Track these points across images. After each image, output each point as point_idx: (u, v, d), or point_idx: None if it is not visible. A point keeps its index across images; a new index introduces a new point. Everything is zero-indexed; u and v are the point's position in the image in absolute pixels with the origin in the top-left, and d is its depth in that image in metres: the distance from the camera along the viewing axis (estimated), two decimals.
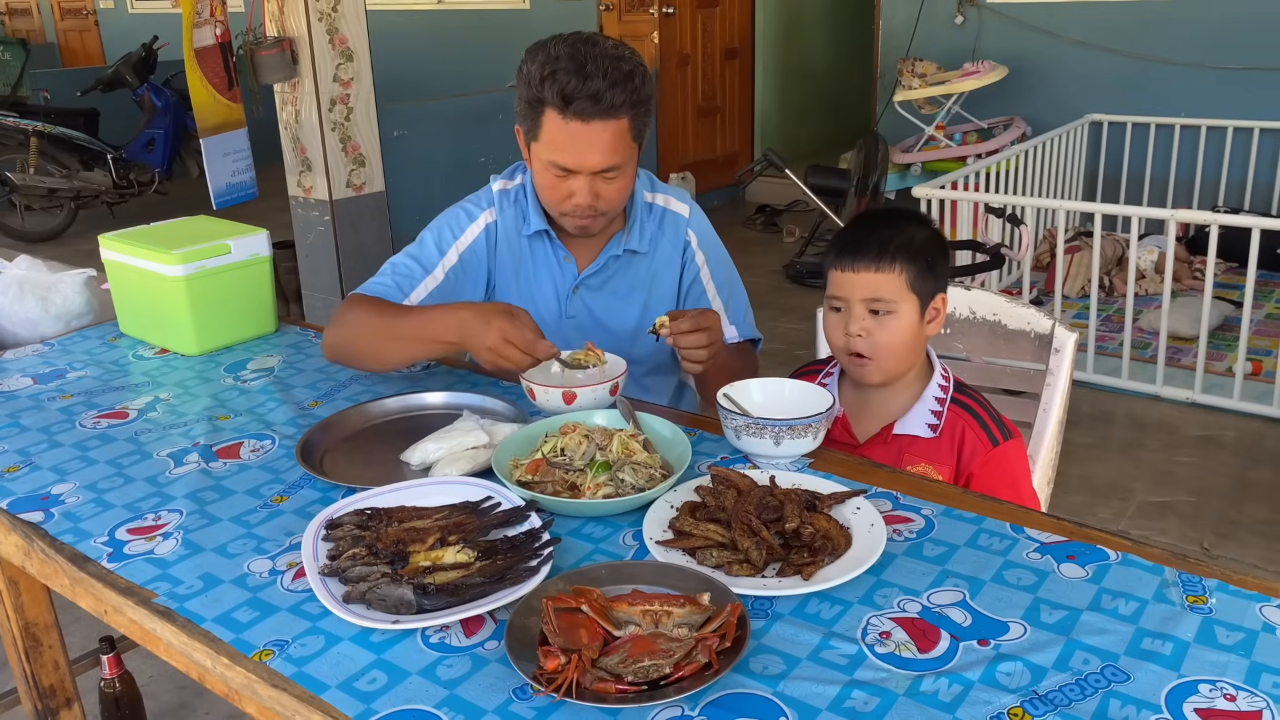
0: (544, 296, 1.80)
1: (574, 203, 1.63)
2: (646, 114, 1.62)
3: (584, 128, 1.55)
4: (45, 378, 1.80)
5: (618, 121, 1.57)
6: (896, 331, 1.47)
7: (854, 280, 1.48)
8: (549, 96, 1.55)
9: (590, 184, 1.61)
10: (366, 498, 1.28)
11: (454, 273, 1.76)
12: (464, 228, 1.78)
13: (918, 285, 1.47)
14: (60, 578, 1.27)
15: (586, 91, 1.52)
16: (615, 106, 1.55)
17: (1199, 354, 3.62)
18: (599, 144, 1.57)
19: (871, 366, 1.49)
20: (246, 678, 1.02)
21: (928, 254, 1.48)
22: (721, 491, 1.24)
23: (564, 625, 0.99)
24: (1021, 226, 3.96)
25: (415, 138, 4.99)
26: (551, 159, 1.60)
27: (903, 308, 1.47)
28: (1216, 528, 2.88)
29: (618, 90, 1.54)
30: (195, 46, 4.08)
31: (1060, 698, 0.93)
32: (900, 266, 1.46)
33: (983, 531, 1.20)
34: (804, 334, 4.30)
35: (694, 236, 1.83)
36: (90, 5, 10.91)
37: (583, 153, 1.57)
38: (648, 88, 1.60)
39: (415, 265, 1.75)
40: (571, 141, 1.56)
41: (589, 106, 1.53)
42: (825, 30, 8.06)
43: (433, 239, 1.78)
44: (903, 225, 1.49)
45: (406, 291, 1.72)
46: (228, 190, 4.30)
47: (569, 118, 1.55)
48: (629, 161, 1.63)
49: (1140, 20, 5.17)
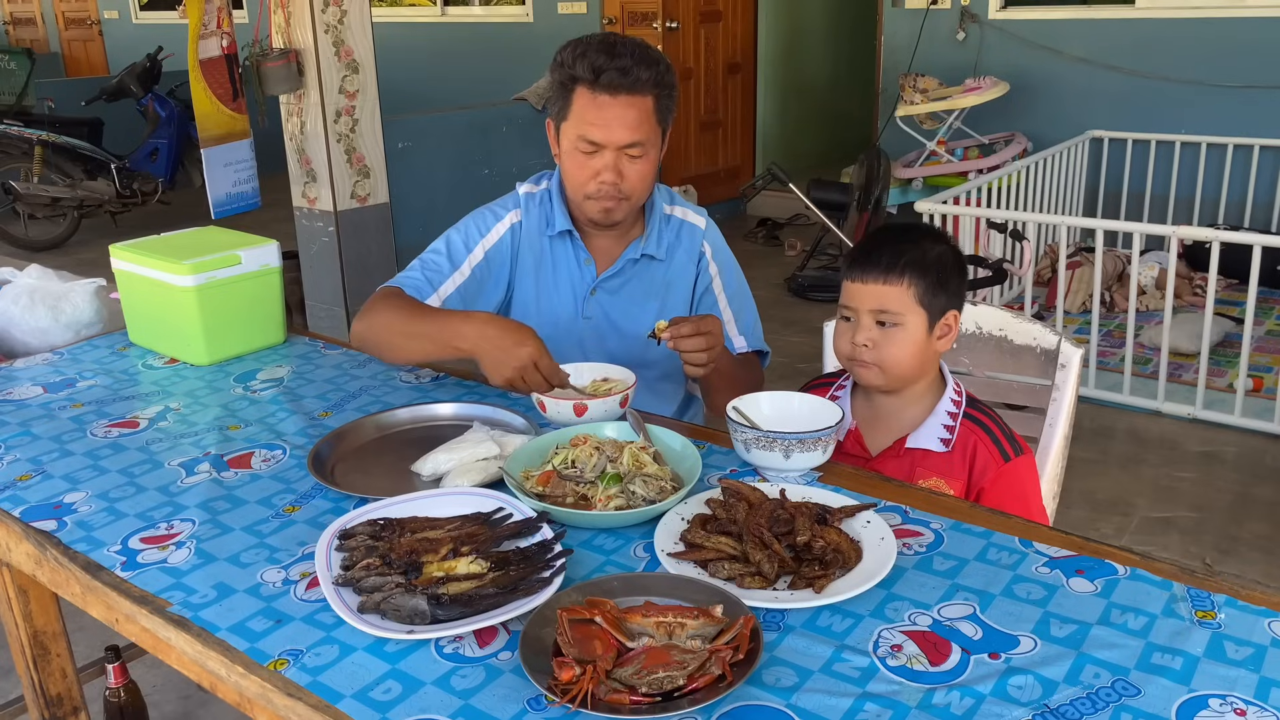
0: (561, 297, 1.84)
1: (599, 181, 1.69)
2: (670, 99, 1.71)
3: (612, 101, 1.64)
4: (55, 386, 1.80)
5: (643, 98, 1.66)
6: (901, 344, 1.49)
7: (863, 291, 1.50)
8: (580, 71, 1.64)
9: (615, 160, 1.68)
10: (379, 508, 1.28)
11: (479, 270, 1.82)
12: (490, 227, 1.84)
13: (926, 300, 1.48)
14: (73, 586, 1.27)
15: (615, 65, 1.63)
16: (642, 82, 1.65)
17: (1200, 370, 3.63)
18: (626, 119, 1.65)
19: (875, 371, 1.51)
20: (261, 687, 1.02)
21: (940, 270, 1.49)
22: (732, 504, 1.25)
23: (578, 636, 1.00)
24: (1023, 242, 3.98)
25: (419, 149, 5.01)
26: (580, 133, 1.67)
27: (909, 320, 1.48)
28: (1218, 544, 2.89)
29: (644, 68, 1.64)
30: (200, 57, 4.11)
31: (1072, 711, 0.93)
32: (909, 280, 1.47)
33: (992, 546, 1.21)
34: (806, 347, 4.31)
35: (709, 248, 1.88)
36: (95, 15, 10.96)
37: (610, 125, 1.65)
38: (671, 76, 1.70)
39: (444, 261, 1.82)
40: (599, 114, 1.65)
41: (617, 79, 1.63)
42: (827, 45, 8.10)
43: (460, 238, 1.84)
44: (918, 240, 1.51)
45: (436, 285, 1.78)
46: (228, 200, 4.32)
47: (598, 91, 1.64)
48: (652, 145, 1.70)
49: (1141, 37, 5.20)
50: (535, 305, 1.84)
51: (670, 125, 1.74)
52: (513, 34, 7.57)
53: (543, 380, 1.52)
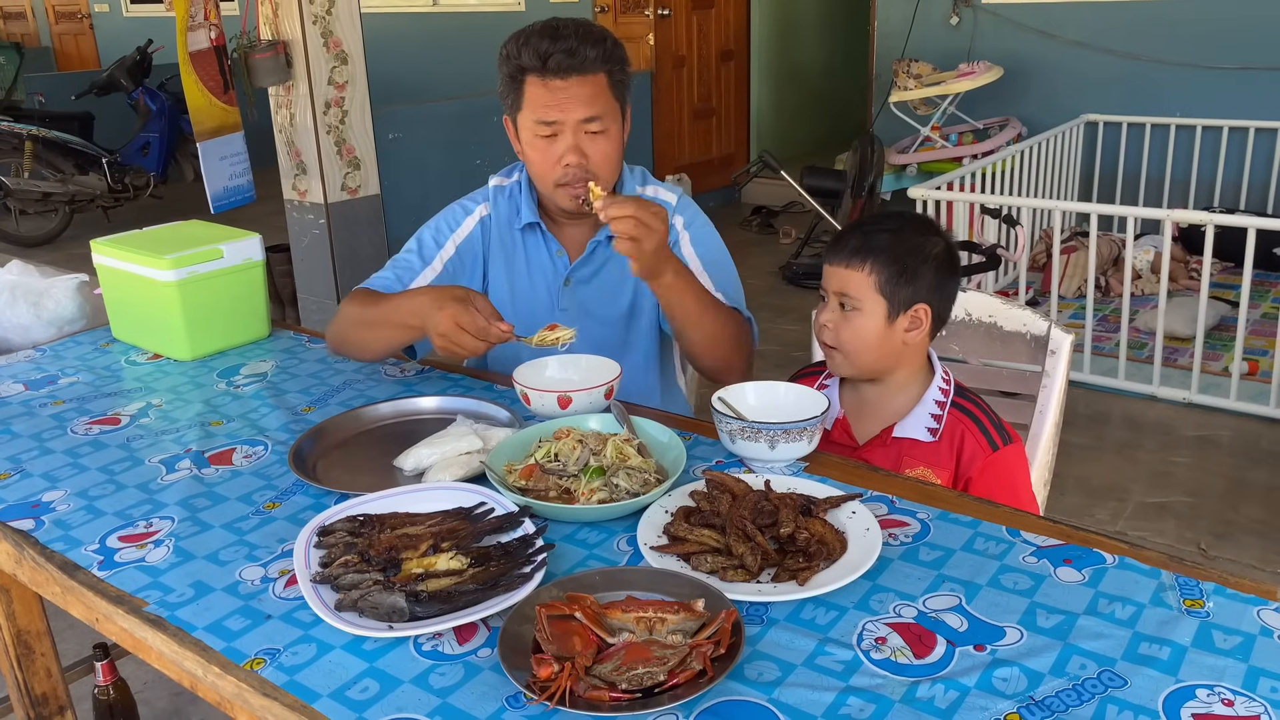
0: (536, 290, 1.82)
1: (563, 165, 1.66)
2: (624, 74, 1.68)
3: (563, 84, 1.62)
4: (37, 384, 1.79)
5: (595, 76, 1.63)
6: (858, 330, 1.49)
7: (830, 272, 1.52)
8: (527, 60, 1.62)
9: (576, 139, 1.65)
10: (359, 504, 1.27)
11: (451, 264, 1.81)
12: (460, 221, 1.83)
13: (888, 290, 1.46)
14: (51, 586, 1.26)
15: (561, 48, 1.60)
16: (590, 60, 1.62)
17: (1195, 354, 3.61)
18: (580, 96, 1.62)
19: (839, 358, 1.52)
20: (238, 687, 1.01)
21: (910, 261, 1.46)
22: (716, 496, 1.24)
23: (557, 632, 0.99)
24: (1017, 227, 3.96)
25: (410, 140, 4.99)
26: (536, 117, 1.65)
27: (867, 306, 1.47)
28: (1213, 528, 2.88)
29: (590, 46, 1.61)
30: (190, 50, 4.07)
31: (1057, 703, 0.92)
32: (871, 267, 1.46)
33: (979, 535, 1.19)
34: (800, 335, 4.29)
35: (680, 220, 1.81)
36: (85, 9, 10.90)
37: (564, 105, 1.62)
38: (620, 50, 1.67)
39: (415, 259, 1.80)
40: (553, 97, 1.62)
41: (565, 60, 1.60)
42: (820, 31, 8.06)
43: (431, 234, 1.83)
44: (900, 229, 1.49)
45: (406, 283, 1.77)
46: (225, 194, 4.29)
47: (548, 76, 1.62)
48: (612, 120, 1.67)
49: (1135, 20, 5.17)
50: (510, 298, 1.81)
51: (628, 101, 1.71)
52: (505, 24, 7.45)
53: (471, 339, 1.47)
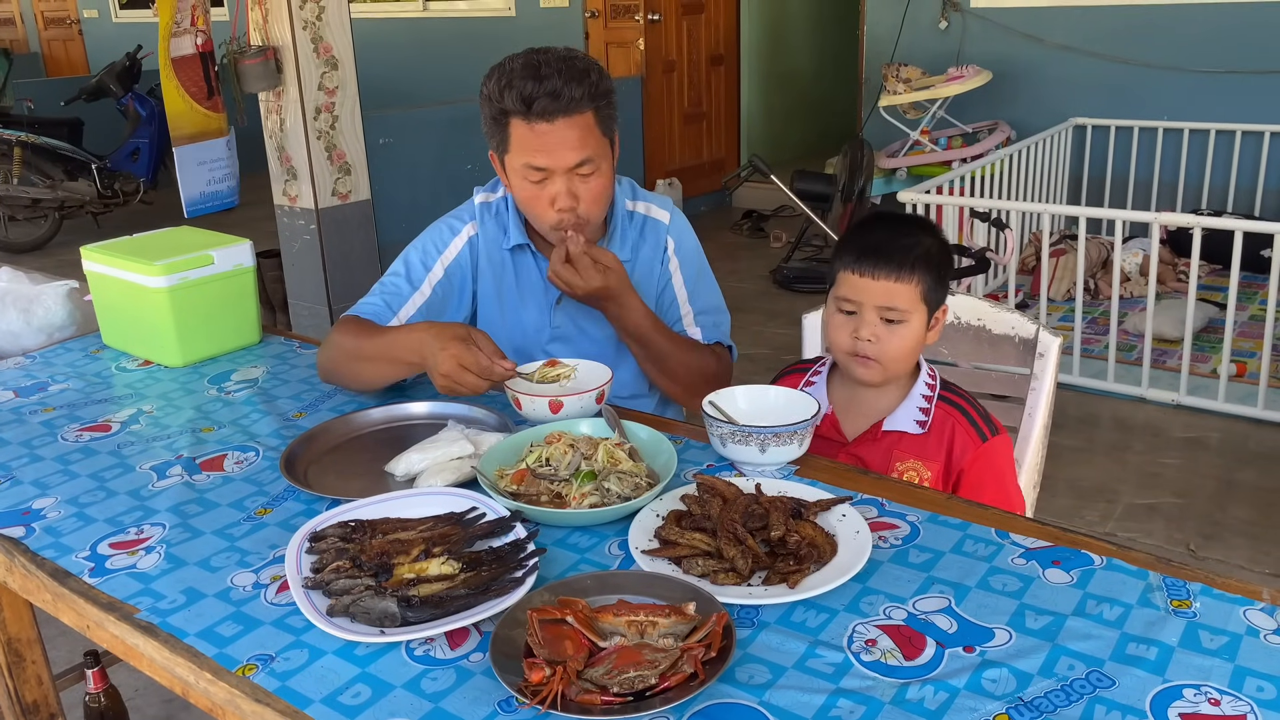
0: (527, 311, 1.80)
1: (557, 210, 1.63)
2: (610, 107, 1.64)
3: (550, 128, 1.57)
4: (27, 391, 1.78)
5: (582, 116, 1.59)
6: (905, 340, 1.48)
7: (871, 287, 1.47)
8: (510, 104, 1.57)
9: (568, 183, 1.61)
10: (350, 509, 1.27)
11: (440, 287, 1.77)
12: (448, 242, 1.79)
13: (929, 296, 1.49)
14: (42, 593, 1.25)
15: (545, 90, 1.55)
16: (576, 100, 1.57)
17: (1184, 356, 3.63)
18: (568, 140, 1.58)
19: (876, 369, 1.50)
20: (229, 693, 1.01)
21: (940, 266, 1.49)
22: (707, 500, 1.24)
23: (549, 637, 0.99)
24: (1006, 230, 3.98)
25: (401, 145, 4.98)
26: (525, 161, 1.61)
27: (914, 318, 1.48)
28: (1202, 529, 2.89)
29: (575, 85, 1.56)
30: (173, 55, 4.07)
31: (1046, 704, 0.93)
32: (918, 277, 1.46)
33: (968, 537, 1.20)
34: (790, 339, 4.30)
35: (672, 242, 1.82)
36: (74, 15, 10.87)
37: (553, 150, 1.58)
38: (605, 82, 1.62)
39: (403, 283, 1.76)
40: (541, 141, 1.58)
41: (550, 104, 1.56)
42: (810, 36, 8.09)
43: (418, 256, 1.78)
44: (919, 235, 1.50)
45: (395, 309, 1.73)
46: (202, 199, 4.28)
47: (534, 120, 1.57)
48: (603, 158, 1.64)
49: (1123, 24, 5.20)
50: (500, 319, 1.79)
51: (616, 131, 1.67)
52: (495, 28, 7.53)
53: (474, 379, 1.44)
